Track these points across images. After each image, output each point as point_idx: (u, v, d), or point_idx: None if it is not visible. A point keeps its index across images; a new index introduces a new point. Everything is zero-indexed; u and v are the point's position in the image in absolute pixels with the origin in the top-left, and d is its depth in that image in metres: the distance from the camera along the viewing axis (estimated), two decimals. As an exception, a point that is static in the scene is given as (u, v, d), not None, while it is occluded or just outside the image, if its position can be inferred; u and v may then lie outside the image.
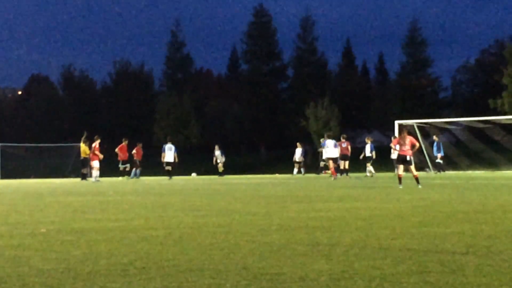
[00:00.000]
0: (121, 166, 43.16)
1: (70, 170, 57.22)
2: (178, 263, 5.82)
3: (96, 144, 37.90)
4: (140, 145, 44.48)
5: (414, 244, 6.90)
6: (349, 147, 40.97)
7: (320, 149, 44.22)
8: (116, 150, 43.21)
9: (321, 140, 46.97)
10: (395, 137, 43.61)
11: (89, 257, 6.24)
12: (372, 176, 39.54)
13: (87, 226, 9.34)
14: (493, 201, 13.99)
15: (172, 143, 43.78)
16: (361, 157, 42.48)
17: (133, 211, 12.29)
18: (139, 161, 43.72)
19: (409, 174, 24.26)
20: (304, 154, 51.37)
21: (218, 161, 48.62)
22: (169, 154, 42.70)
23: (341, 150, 40.72)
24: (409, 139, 22.88)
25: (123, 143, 43.21)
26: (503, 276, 5.02)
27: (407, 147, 22.64)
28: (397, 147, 23.20)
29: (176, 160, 43.20)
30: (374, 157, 41.66)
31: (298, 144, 50.13)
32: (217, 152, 48.68)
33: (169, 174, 41.96)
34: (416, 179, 22.58)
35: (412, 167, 23.14)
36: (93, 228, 8.97)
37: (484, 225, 8.74)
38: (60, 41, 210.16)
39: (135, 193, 21.07)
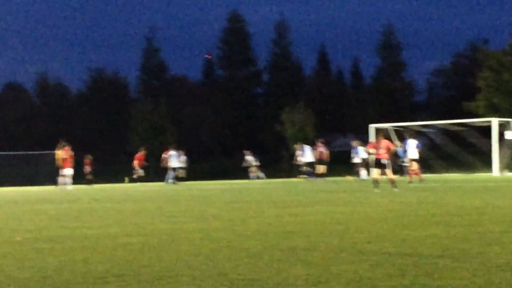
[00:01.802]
0: (136, 172, 45.96)
1: (46, 178, 56.77)
2: (155, 270, 5.81)
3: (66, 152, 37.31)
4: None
5: (390, 247, 6.93)
6: (326, 152, 41.09)
7: (297, 154, 44.05)
8: (141, 160, 46.19)
9: (295, 146, 47.00)
10: (355, 141, 43.54)
11: (65, 265, 6.20)
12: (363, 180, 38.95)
13: (63, 233, 9.29)
14: (468, 204, 14.08)
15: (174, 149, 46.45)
16: (354, 161, 41.54)
17: (109, 218, 12.24)
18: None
19: (384, 178, 24.32)
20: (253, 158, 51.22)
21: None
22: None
23: (318, 155, 40.89)
24: (384, 143, 22.92)
25: (140, 153, 46.82)
26: (478, 279, 5.05)
27: (382, 151, 22.68)
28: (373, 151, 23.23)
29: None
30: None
31: (246, 152, 50.89)
32: (181, 158, 47.03)
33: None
34: (393, 182, 22.65)
35: (389, 170, 23.22)
36: (69, 236, 8.92)
37: (459, 228, 8.79)
38: (35, 48, 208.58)
39: (111, 200, 20.99)
